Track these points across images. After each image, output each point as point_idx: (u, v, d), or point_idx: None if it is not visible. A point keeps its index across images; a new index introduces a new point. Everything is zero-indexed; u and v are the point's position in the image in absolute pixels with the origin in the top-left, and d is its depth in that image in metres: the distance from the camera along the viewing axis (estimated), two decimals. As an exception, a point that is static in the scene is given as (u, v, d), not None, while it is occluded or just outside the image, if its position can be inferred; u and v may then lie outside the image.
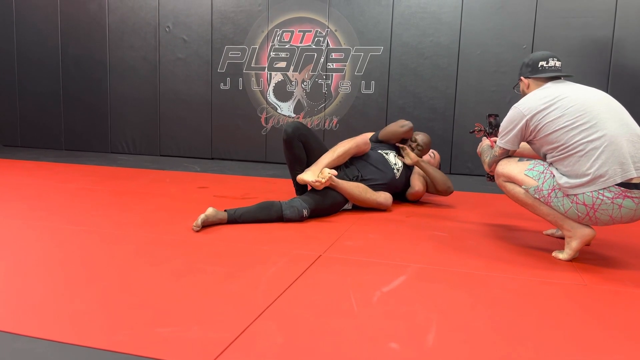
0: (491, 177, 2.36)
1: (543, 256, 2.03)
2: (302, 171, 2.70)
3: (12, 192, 3.04)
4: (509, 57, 4.25)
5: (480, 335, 1.29)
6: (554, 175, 1.91)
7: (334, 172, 2.59)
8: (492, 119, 2.41)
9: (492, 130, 2.40)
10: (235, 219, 2.37)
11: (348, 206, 2.77)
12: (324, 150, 2.79)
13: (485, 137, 2.42)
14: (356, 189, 2.70)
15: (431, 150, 3.34)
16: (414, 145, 3.16)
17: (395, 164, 2.97)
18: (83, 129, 5.55)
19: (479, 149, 2.41)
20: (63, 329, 1.25)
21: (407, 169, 3.06)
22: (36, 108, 5.66)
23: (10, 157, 4.80)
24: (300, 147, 2.73)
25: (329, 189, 2.63)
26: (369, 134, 3.17)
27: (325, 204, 2.61)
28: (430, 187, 3.05)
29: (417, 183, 3.02)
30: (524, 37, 4.23)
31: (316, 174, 2.60)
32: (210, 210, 2.30)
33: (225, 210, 2.37)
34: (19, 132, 5.77)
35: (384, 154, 2.97)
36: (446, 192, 2.98)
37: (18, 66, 5.66)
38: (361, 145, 2.80)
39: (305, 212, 2.47)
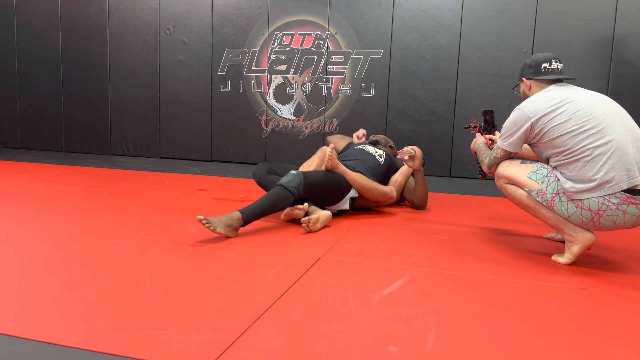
0: (484, 174, 2.34)
1: (543, 260, 2.02)
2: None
3: (12, 194, 3.04)
4: (509, 60, 4.26)
5: (479, 339, 1.29)
6: (558, 179, 1.90)
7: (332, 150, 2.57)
8: (488, 116, 2.39)
9: (488, 127, 2.39)
10: (250, 219, 2.26)
11: (354, 193, 2.67)
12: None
13: (479, 134, 2.41)
14: (361, 178, 2.65)
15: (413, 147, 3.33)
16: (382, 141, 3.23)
17: (376, 151, 2.98)
18: (83, 131, 5.56)
19: (472, 146, 2.39)
20: (62, 332, 1.25)
21: (390, 159, 3.02)
22: (37, 110, 5.67)
23: (11, 159, 4.81)
24: (275, 176, 2.71)
25: (333, 172, 2.58)
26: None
27: (327, 180, 2.52)
28: (408, 194, 3.02)
29: (395, 184, 2.97)
30: (524, 40, 4.23)
31: None
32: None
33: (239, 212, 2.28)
34: (19, 134, 5.78)
35: (362, 147, 3.02)
36: (420, 207, 2.98)
37: (19, 68, 5.67)
38: (322, 157, 2.72)
39: (293, 171, 2.41)
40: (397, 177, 2.98)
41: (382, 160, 2.94)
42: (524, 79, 2.14)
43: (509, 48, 4.27)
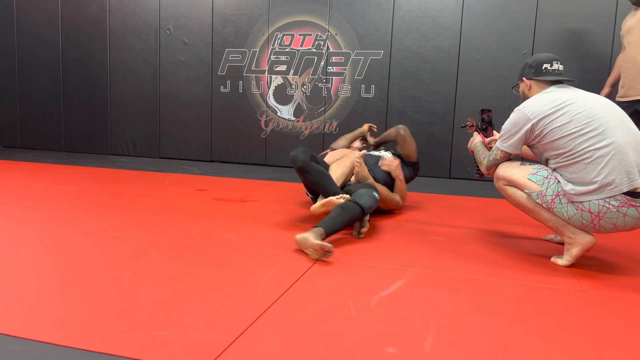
0: (481, 173, 2.33)
1: (542, 262, 2.02)
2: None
3: (11, 193, 3.03)
4: (509, 61, 4.26)
5: (478, 341, 1.29)
6: (558, 181, 1.89)
7: (362, 152, 2.61)
8: (485, 115, 2.39)
9: (485, 126, 2.39)
10: (329, 233, 2.09)
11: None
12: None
13: (476, 133, 2.41)
14: (383, 189, 2.72)
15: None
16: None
17: (381, 154, 3.05)
18: (83, 131, 5.55)
19: (470, 145, 2.39)
20: (60, 332, 1.25)
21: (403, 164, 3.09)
22: (36, 109, 5.66)
23: (10, 158, 4.80)
24: (317, 165, 2.52)
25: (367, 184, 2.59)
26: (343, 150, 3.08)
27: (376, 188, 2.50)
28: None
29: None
30: (524, 42, 4.23)
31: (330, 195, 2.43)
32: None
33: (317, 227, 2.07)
34: (19, 134, 5.78)
35: (370, 153, 3.06)
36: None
37: (19, 67, 5.66)
38: (352, 167, 2.72)
39: (376, 195, 2.33)
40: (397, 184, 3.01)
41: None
42: (524, 78, 2.13)
43: (509, 50, 4.27)
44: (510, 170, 2.04)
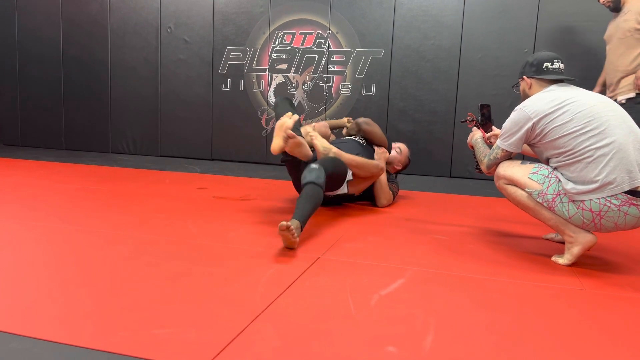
0: (480, 168, 2.33)
1: (542, 260, 2.02)
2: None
3: (11, 191, 3.03)
4: (510, 60, 4.25)
5: (478, 340, 1.29)
6: (559, 180, 1.89)
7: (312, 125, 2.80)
8: (485, 110, 2.39)
9: (484, 121, 2.39)
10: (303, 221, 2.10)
11: (349, 176, 2.72)
12: None
13: (476, 128, 2.41)
14: (354, 157, 2.73)
15: (398, 145, 3.30)
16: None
17: (356, 137, 3.13)
18: (84, 129, 5.55)
19: (469, 140, 2.39)
20: (60, 330, 1.25)
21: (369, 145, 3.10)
22: (37, 107, 5.67)
23: (11, 156, 4.81)
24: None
25: (335, 159, 2.60)
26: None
27: (335, 169, 2.50)
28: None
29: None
30: (525, 41, 4.23)
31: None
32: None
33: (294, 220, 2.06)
34: (19, 131, 5.78)
35: (342, 139, 3.14)
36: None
37: (19, 65, 5.66)
38: (320, 126, 2.94)
39: (314, 166, 2.32)
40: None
41: (364, 142, 3.06)
42: (525, 77, 2.13)
43: (510, 49, 4.26)
44: (510, 169, 2.03)
